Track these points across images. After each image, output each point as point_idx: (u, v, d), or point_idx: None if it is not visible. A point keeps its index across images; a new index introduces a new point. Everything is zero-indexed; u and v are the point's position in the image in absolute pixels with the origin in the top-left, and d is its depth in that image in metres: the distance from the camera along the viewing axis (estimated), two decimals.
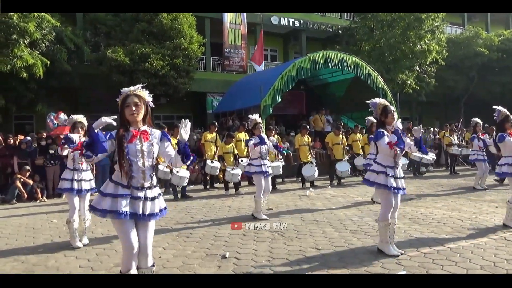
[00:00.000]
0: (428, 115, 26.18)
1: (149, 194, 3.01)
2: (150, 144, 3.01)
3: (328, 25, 21.61)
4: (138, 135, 2.98)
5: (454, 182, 10.76)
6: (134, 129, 3.00)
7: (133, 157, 2.94)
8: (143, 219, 2.98)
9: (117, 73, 13.41)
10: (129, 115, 2.96)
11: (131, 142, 2.95)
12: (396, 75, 17.71)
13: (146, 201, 2.98)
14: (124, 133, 2.97)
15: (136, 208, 2.95)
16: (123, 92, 3.05)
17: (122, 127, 3.00)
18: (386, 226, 4.37)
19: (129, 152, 2.94)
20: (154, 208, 3.01)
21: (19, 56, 11.28)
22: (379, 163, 4.39)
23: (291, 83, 12.97)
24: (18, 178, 9.28)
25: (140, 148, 2.97)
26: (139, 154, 2.96)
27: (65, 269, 4.31)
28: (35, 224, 6.73)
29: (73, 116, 5.47)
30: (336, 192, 9.46)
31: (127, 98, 2.98)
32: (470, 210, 6.80)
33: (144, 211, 2.96)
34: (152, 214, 3.00)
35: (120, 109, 3.02)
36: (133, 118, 2.98)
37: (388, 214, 4.37)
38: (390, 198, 4.36)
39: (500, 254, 4.31)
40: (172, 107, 18.05)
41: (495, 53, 22.04)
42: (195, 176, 11.33)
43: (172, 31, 14.27)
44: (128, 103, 2.97)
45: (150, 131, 3.07)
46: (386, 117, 4.38)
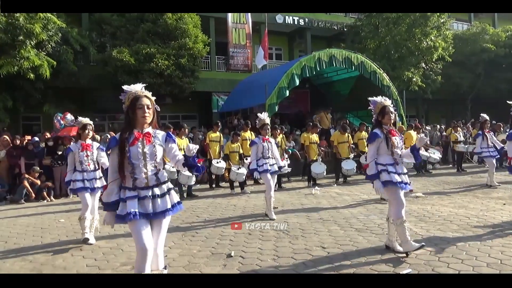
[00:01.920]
0: (435, 113, 26.02)
1: (157, 191, 2.97)
2: (153, 146, 2.99)
3: (333, 23, 21.55)
4: (140, 138, 2.96)
5: (461, 179, 10.69)
6: (137, 132, 2.98)
7: (135, 160, 2.93)
8: (156, 217, 2.95)
9: (123, 73, 13.48)
10: (141, 117, 2.94)
11: (133, 145, 2.94)
12: (402, 73, 17.62)
13: (155, 199, 2.94)
14: (127, 136, 2.95)
15: (146, 207, 2.92)
16: (128, 91, 3.01)
17: (127, 129, 2.99)
18: (402, 224, 4.26)
19: (131, 155, 2.92)
20: (165, 204, 2.97)
21: (26, 57, 11.40)
22: (379, 163, 4.38)
23: (296, 81, 12.96)
24: (26, 178, 9.37)
25: (141, 151, 2.95)
26: (140, 156, 2.94)
27: (72, 268, 4.35)
28: (42, 223, 6.80)
29: (81, 118, 5.58)
30: (342, 190, 9.44)
31: (139, 99, 2.96)
32: (477, 208, 6.75)
33: (155, 209, 2.93)
34: (164, 211, 2.96)
35: (130, 110, 2.97)
36: (145, 121, 2.97)
37: (402, 210, 4.29)
38: (398, 194, 4.30)
39: (506, 252, 4.28)
40: (178, 106, 18.12)
41: (502, 49, 21.84)
42: (201, 176, 11.36)
43: (177, 31, 14.32)
44: (141, 104, 2.94)
45: (154, 133, 3.04)
46: (383, 118, 4.38)
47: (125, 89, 3.04)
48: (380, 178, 4.31)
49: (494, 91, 22.29)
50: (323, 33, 21.99)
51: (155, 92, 15.78)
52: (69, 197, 9.63)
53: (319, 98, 17.64)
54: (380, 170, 4.33)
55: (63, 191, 9.94)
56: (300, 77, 13.12)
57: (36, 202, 9.28)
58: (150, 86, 15.00)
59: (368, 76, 14.03)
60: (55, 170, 10.06)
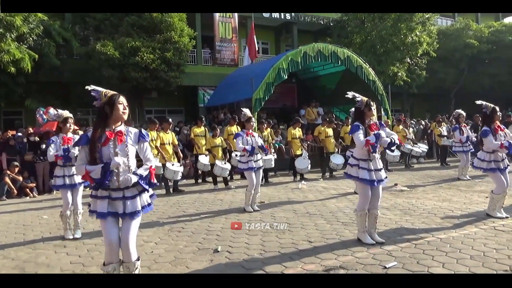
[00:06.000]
0: (419, 107, 26.36)
1: (128, 193, 3.01)
2: (125, 146, 2.98)
3: (320, 18, 21.57)
4: (112, 137, 2.94)
5: (444, 173, 10.86)
6: (109, 131, 2.96)
7: (106, 159, 2.91)
8: (124, 217, 3.01)
9: (107, 67, 13.26)
10: (122, 112, 2.98)
11: (105, 145, 2.92)
12: (387, 67, 17.77)
13: (126, 201, 2.98)
14: (98, 135, 2.93)
15: (117, 207, 2.99)
16: (98, 92, 3.02)
17: (100, 126, 2.97)
18: (362, 216, 4.56)
19: (103, 155, 2.91)
20: (135, 206, 3.01)
21: (6, 51, 11.11)
22: (354, 156, 4.62)
23: (282, 76, 12.94)
24: (7, 175, 9.18)
25: (113, 151, 2.93)
26: (112, 157, 2.92)
27: (56, 265, 4.27)
28: (25, 220, 6.67)
29: (61, 112, 5.46)
30: (328, 184, 9.50)
31: (119, 96, 3.01)
32: (461, 201, 6.86)
33: (125, 210, 2.98)
34: (133, 213, 3.00)
35: (109, 105, 2.97)
36: (124, 117, 3.01)
37: (365, 205, 4.54)
38: (366, 189, 4.54)
39: (489, 244, 4.36)
40: (163, 101, 17.96)
41: (485, 44, 22.16)
42: (187, 171, 11.29)
43: (162, 24, 14.13)
44: (121, 100, 3.00)
45: (126, 131, 3.03)
46: (369, 110, 4.54)
47: (95, 89, 3.05)
48: (349, 171, 4.59)
49: (477, 86, 22.65)
50: (310, 27, 22.00)
51: (140, 86, 15.49)
52: (52, 193, 9.46)
53: (305, 93, 17.68)
54: (352, 164, 4.57)
55: (46, 187, 9.77)
56: (287, 71, 13.11)
57: (18, 198, 9.10)
58: (135, 80, 14.76)
59: (354, 71, 14.10)
60: (37, 166, 9.86)
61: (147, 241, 5.03)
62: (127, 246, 3.00)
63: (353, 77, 14.29)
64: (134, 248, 3.04)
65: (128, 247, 3.00)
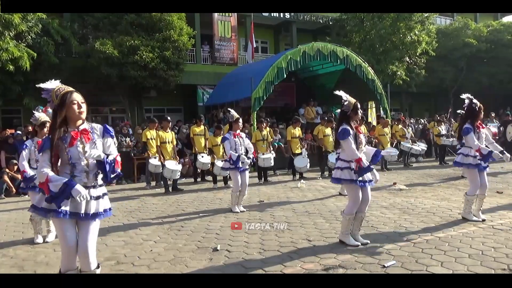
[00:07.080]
0: (418, 106, 26.36)
1: (93, 193, 2.85)
2: (93, 143, 2.86)
3: (319, 17, 21.55)
4: (79, 137, 2.82)
5: (443, 172, 10.88)
6: (73, 130, 2.82)
7: (75, 160, 2.80)
8: (86, 218, 2.82)
9: (106, 65, 13.22)
10: (78, 112, 2.80)
11: (72, 146, 2.79)
12: (386, 66, 17.78)
13: (90, 200, 2.82)
14: (61, 135, 2.78)
15: (78, 207, 2.79)
16: (51, 89, 2.83)
17: (60, 128, 2.80)
18: (349, 220, 4.45)
19: (72, 156, 2.79)
20: (98, 207, 2.86)
21: (5, 49, 11.06)
22: (342, 159, 4.47)
23: (282, 75, 12.93)
24: (6, 173, 9.17)
25: (82, 150, 2.81)
26: (82, 156, 2.81)
27: (55, 264, 4.26)
28: (24, 219, 6.64)
29: (38, 115, 5.05)
30: (327, 183, 9.50)
31: (71, 95, 2.80)
32: (459, 200, 6.86)
33: (88, 210, 2.81)
34: (96, 214, 2.84)
35: (61, 107, 2.77)
36: (81, 116, 2.84)
37: (355, 208, 4.43)
38: (357, 192, 4.42)
39: (487, 243, 4.38)
40: (162, 100, 17.93)
41: (484, 43, 22.20)
42: (187, 169, 11.29)
43: (161, 23, 14.09)
44: (75, 100, 2.79)
45: (91, 128, 2.91)
46: (356, 114, 4.49)
47: (45, 87, 2.85)
48: (341, 175, 4.41)
49: (476, 85, 22.64)
50: (309, 26, 21.98)
51: (139, 85, 15.48)
52: None
53: (304, 92, 17.68)
54: (342, 167, 4.42)
55: None
56: (286, 70, 13.11)
57: (17, 197, 9.09)
58: (134, 79, 14.74)
59: (353, 70, 14.09)
60: None
61: (146, 240, 5.04)
62: (86, 253, 2.79)
63: (352, 76, 14.29)
64: (94, 255, 2.84)
65: (87, 254, 2.79)
